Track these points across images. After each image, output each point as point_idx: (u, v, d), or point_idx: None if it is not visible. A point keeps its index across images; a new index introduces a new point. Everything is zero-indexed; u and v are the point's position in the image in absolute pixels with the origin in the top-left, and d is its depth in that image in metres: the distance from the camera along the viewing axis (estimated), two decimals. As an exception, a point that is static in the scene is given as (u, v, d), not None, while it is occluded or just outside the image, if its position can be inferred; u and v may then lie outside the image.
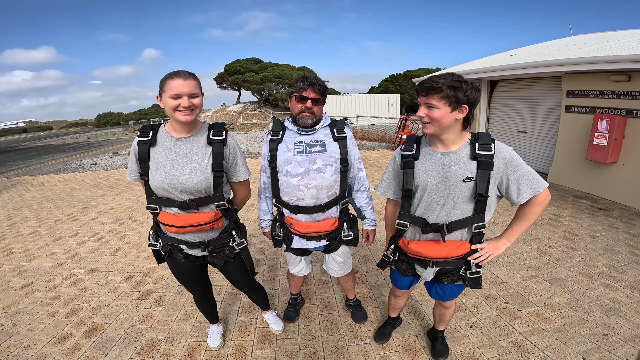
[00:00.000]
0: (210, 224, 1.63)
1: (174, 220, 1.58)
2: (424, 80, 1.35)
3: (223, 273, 1.96)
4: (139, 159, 1.55)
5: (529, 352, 2.09)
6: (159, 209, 1.61)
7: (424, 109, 1.35)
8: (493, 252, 1.52)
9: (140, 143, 1.55)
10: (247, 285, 2.07)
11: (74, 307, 2.77)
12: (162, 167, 1.53)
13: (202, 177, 1.54)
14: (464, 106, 1.32)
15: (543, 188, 1.37)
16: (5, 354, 2.24)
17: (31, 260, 3.72)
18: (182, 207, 1.57)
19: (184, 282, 1.93)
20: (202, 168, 1.55)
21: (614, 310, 2.42)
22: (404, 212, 1.54)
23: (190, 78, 1.44)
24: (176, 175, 1.52)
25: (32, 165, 11.64)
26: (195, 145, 1.57)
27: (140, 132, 1.57)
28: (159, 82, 1.47)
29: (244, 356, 2.17)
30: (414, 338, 2.27)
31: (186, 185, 1.53)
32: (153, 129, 1.57)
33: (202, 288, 2.00)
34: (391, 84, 42.46)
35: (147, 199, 1.61)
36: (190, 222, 1.58)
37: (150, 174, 1.54)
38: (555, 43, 8.77)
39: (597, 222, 4.06)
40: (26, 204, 6.21)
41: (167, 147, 1.55)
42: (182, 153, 1.54)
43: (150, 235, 1.73)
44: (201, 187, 1.55)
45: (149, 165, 1.54)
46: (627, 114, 4.64)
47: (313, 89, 1.70)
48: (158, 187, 1.54)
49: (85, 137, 27.91)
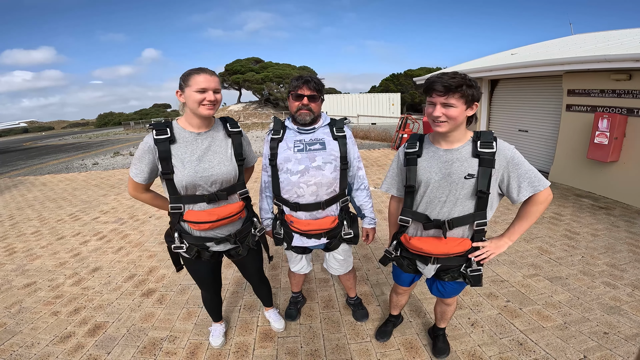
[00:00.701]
0: (239, 214, 1.69)
1: (205, 216, 1.58)
2: (437, 79, 1.31)
3: (239, 265, 2.00)
4: (161, 157, 1.50)
5: (530, 350, 2.09)
6: (183, 209, 1.59)
7: (440, 109, 1.33)
8: (494, 251, 1.53)
9: (159, 141, 1.49)
10: (258, 275, 2.13)
11: (76, 306, 2.79)
12: (189, 162, 1.53)
13: (231, 167, 1.64)
14: (476, 104, 1.35)
15: (544, 187, 1.38)
16: (9, 352, 2.26)
17: (34, 259, 3.74)
18: (211, 200, 1.59)
19: (199, 280, 1.94)
20: (228, 158, 1.64)
21: (615, 309, 2.42)
22: (407, 208, 1.57)
23: (214, 75, 1.52)
24: (206, 167, 1.56)
25: (33, 165, 11.67)
26: (216, 138, 1.63)
27: (155, 130, 1.50)
28: (180, 77, 1.52)
29: (246, 354, 2.18)
30: (415, 336, 2.27)
31: (218, 175, 1.59)
32: (168, 125, 1.54)
33: (216, 285, 2.03)
34: (392, 84, 42.43)
35: (170, 199, 1.58)
36: (223, 215, 1.61)
37: (176, 171, 1.52)
38: (556, 42, 8.76)
39: (598, 220, 4.06)
40: (28, 204, 6.23)
41: (188, 143, 1.55)
42: (205, 147, 1.58)
43: (176, 238, 1.65)
44: (230, 176, 1.63)
45: (172, 163, 1.52)
46: (628, 112, 4.64)
47: (308, 87, 1.72)
48: (188, 182, 1.53)
49: (86, 137, 27.96)
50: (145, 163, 1.53)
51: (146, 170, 1.55)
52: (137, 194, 1.67)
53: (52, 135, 41.01)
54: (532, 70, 5.91)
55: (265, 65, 36.64)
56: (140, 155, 1.53)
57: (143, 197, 1.69)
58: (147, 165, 1.54)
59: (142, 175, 1.56)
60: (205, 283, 1.97)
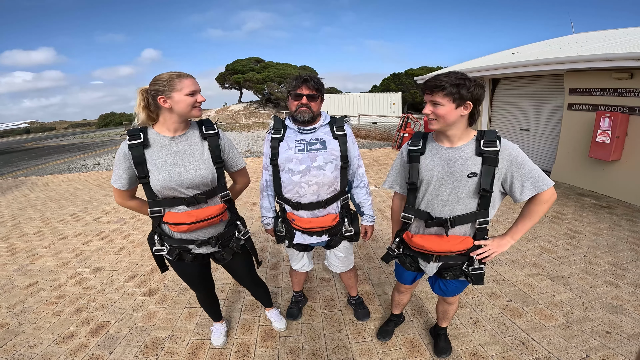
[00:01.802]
0: (220, 216, 1.67)
1: (184, 217, 1.57)
2: (429, 78, 1.37)
3: (227, 269, 1.98)
4: (135, 162, 1.50)
5: (532, 349, 2.09)
6: (163, 211, 1.59)
7: (429, 107, 1.38)
8: (497, 250, 1.52)
9: (133, 147, 1.49)
10: (250, 279, 2.10)
11: (78, 305, 2.79)
12: (163, 167, 1.52)
13: (207, 170, 1.60)
14: (468, 103, 1.34)
15: (548, 187, 1.38)
16: (11, 352, 2.27)
17: (36, 259, 3.75)
18: (190, 204, 1.58)
19: (188, 281, 1.94)
20: (204, 161, 1.60)
21: (617, 308, 2.42)
22: (409, 205, 1.58)
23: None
24: (180, 172, 1.54)
25: (35, 166, 11.71)
26: (191, 141, 1.60)
27: (129, 135, 1.50)
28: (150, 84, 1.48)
29: (247, 354, 2.19)
30: (416, 335, 2.27)
31: (193, 179, 1.56)
32: (142, 131, 1.53)
33: (206, 286, 2.02)
34: (393, 83, 42.41)
35: (149, 203, 1.58)
36: (202, 217, 1.59)
37: (151, 176, 1.52)
38: (557, 41, 8.73)
39: (600, 219, 4.05)
40: (30, 204, 6.25)
41: (162, 147, 1.54)
42: (180, 150, 1.56)
43: (156, 240, 1.66)
44: (207, 180, 1.60)
45: (147, 167, 1.52)
46: (629, 111, 4.62)
47: (307, 86, 1.72)
48: (163, 186, 1.52)
49: (88, 137, 28.02)
50: (122, 169, 1.53)
51: (124, 177, 1.54)
52: (122, 201, 1.66)
53: (54, 135, 41.12)
54: (533, 69, 5.90)
55: (266, 65, 36.64)
56: (117, 162, 1.53)
57: (130, 205, 1.69)
58: (125, 171, 1.53)
59: (122, 182, 1.55)
60: (194, 284, 1.96)
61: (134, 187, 1.62)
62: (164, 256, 1.74)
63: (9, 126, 24.50)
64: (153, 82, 1.47)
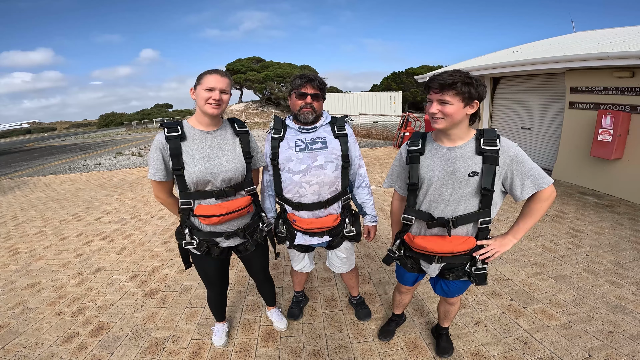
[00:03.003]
0: (247, 208, 1.73)
1: (215, 209, 1.62)
2: (435, 76, 1.34)
3: (246, 261, 2.04)
4: (172, 154, 1.55)
5: (534, 349, 2.08)
6: (193, 204, 1.64)
7: (436, 105, 1.35)
8: (499, 249, 1.51)
9: (170, 139, 1.55)
10: (264, 273, 2.16)
11: (80, 306, 2.79)
12: (199, 159, 1.58)
13: (239, 164, 1.68)
14: (475, 102, 1.33)
15: (548, 184, 1.37)
16: (13, 353, 2.27)
17: (37, 260, 3.75)
18: (219, 196, 1.63)
19: (207, 278, 1.97)
20: (237, 156, 1.69)
21: (620, 308, 2.41)
22: (410, 206, 1.56)
23: (225, 77, 1.58)
24: (215, 164, 1.61)
25: (36, 166, 11.71)
26: (224, 137, 1.68)
27: (167, 128, 1.57)
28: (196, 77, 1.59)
29: (249, 354, 2.18)
30: (418, 335, 2.27)
31: (227, 172, 1.63)
32: (179, 124, 1.60)
33: (223, 284, 2.05)
34: (393, 82, 42.34)
35: (180, 195, 1.62)
36: (233, 208, 1.65)
37: (187, 167, 1.57)
38: (558, 40, 8.71)
39: (602, 218, 4.04)
40: (31, 204, 6.25)
41: (198, 140, 1.61)
42: (214, 144, 1.64)
43: (186, 234, 1.69)
44: (239, 173, 1.68)
45: (182, 160, 1.57)
46: (631, 109, 4.61)
47: (312, 85, 1.72)
48: (199, 178, 1.58)
49: (89, 137, 28.04)
50: (159, 160, 1.57)
51: (161, 167, 1.58)
52: (164, 196, 1.71)
53: (55, 135, 41.18)
54: (534, 68, 5.88)
55: (266, 65, 36.62)
56: (153, 154, 1.58)
57: (169, 202, 1.74)
58: (161, 162, 1.58)
59: (160, 173, 1.59)
60: (212, 282, 1.99)
61: (171, 181, 1.66)
62: (190, 251, 1.79)
63: (9, 126, 24.53)
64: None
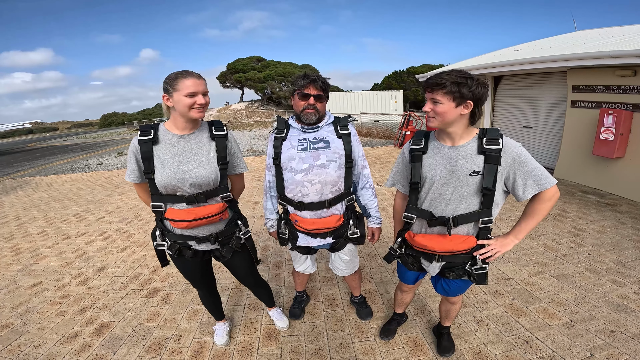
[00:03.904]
0: (219, 215, 1.69)
1: (184, 214, 1.60)
2: (429, 76, 1.37)
3: (228, 267, 1.99)
4: (143, 157, 1.55)
5: (536, 348, 2.08)
6: (164, 207, 1.64)
7: (429, 104, 1.38)
8: (500, 249, 1.51)
9: (142, 142, 1.55)
10: (252, 279, 2.11)
11: (82, 305, 2.81)
12: (169, 164, 1.56)
13: (210, 170, 1.62)
14: (469, 102, 1.33)
15: (551, 185, 1.37)
16: (16, 353, 2.28)
17: (40, 259, 3.77)
18: (190, 202, 1.61)
19: (189, 278, 1.96)
20: (209, 161, 1.62)
21: (622, 307, 2.40)
22: (411, 205, 1.57)
23: (201, 78, 1.53)
24: (184, 170, 1.57)
25: (39, 166, 11.76)
26: (199, 141, 1.63)
27: (140, 131, 1.57)
28: (163, 81, 1.52)
29: (250, 353, 2.19)
30: (419, 334, 2.27)
31: (196, 178, 1.58)
32: (153, 127, 1.59)
33: (207, 283, 2.04)
34: (394, 81, 42.29)
35: (152, 198, 1.62)
36: (201, 215, 1.62)
37: (156, 172, 1.56)
38: (560, 38, 8.68)
39: (605, 217, 4.03)
40: (34, 204, 6.28)
41: (170, 144, 1.58)
42: (187, 149, 1.60)
43: (157, 235, 1.71)
44: (210, 180, 1.62)
45: (153, 163, 1.56)
46: (633, 108, 4.59)
47: (315, 86, 1.71)
48: (167, 183, 1.56)
49: (90, 137, 28.11)
50: (133, 163, 1.60)
51: (135, 170, 1.60)
52: (142, 196, 1.74)
53: (57, 135, 41.29)
54: (536, 67, 5.87)
55: (267, 64, 36.61)
56: (128, 157, 1.60)
57: (149, 202, 1.73)
58: (135, 164, 1.60)
59: (134, 175, 1.61)
60: (194, 280, 1.98)
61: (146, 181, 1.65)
62: (165, 251, 1.78)
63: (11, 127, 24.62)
64: (165, 79, 1.52)
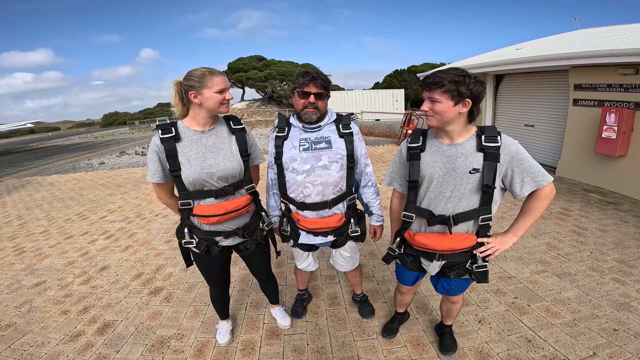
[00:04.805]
0: (247, 207, 1.73)
1: (214, 209, 1.62)
2: (427, 75, 1.37)
3: (247, 260, 2.04)
4: (167, 155, 1.56)
5: (539, 347, 2.08)
6: (192, 204, 1.64)
7: (427, 103, 1.38)
8: (500, 247, 1.51)
9: (165, 140, 1.55)
10: (266, 272, 2.17)
11: (85, 304, 2.82)
12: (195, 159, 1.58)
13: (236, 163, 1.67)
14: (467, 100, 1.33)
15: (547, 182, 1.37)
16: (19, 352, 2.29)
17: (43, 259, 3.78)
18: (219, 195, 1.63)
19: (210, 276, 1.98)
20: (233, 155, 1.67)
21: (625, 305, 2.40)
22: (410, 203, 1.56)
23: (224, 74, 1.58)
24: (211, 164, 1.60)
25: (41, 166, 11.79)
26: (220, 135, 1.67)
27: (161, 129, 1.57)
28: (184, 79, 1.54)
29: (252, 352, 2.19)
30: (421, 333, 2.27)
31: (223, 171, 1.62)
32: (172, 125, 1.60)
33: (224, 282, 2.06)
34: (395, 80, 42.19)
35: (179, 195, 1.63)
36: (231, 208, 1.65)
37: (183, 169, 1.57)
38: (562, 37, 8.64)
39: (607, 216, 4.02)
40: (36, 204, 6.30)
41: (193, 141, 1.60)
42: (210, 144, 1.63)
43: (185, 233, 1.71)
44: (236, 172, 1.67)
45: (178, 161, 1.57)
46: (635, 106, 4.57)
47: (315, 84, 1.67)
48: (195, 178, 1.58)
49: (92, 137, 28.18)
50: (156, 162, 1.58)
51: (159, 169, 1.59)
52: (165, 197, 1.73)
53: (59, 135, 41.39)
54: (537, 65, 5.84)
55: (268, 63, 36.62)
56: (150, 157, 1.59)
57: (170, 203, 1.75)
58: (158, 163, 1.59)
59: (158, 175, 1.60)
60: (214, 279, 2.00)
61: (170, 181, 1.66)
62: (191, 249, 1.79)
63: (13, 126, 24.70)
64: (186, 77, 1.53)
